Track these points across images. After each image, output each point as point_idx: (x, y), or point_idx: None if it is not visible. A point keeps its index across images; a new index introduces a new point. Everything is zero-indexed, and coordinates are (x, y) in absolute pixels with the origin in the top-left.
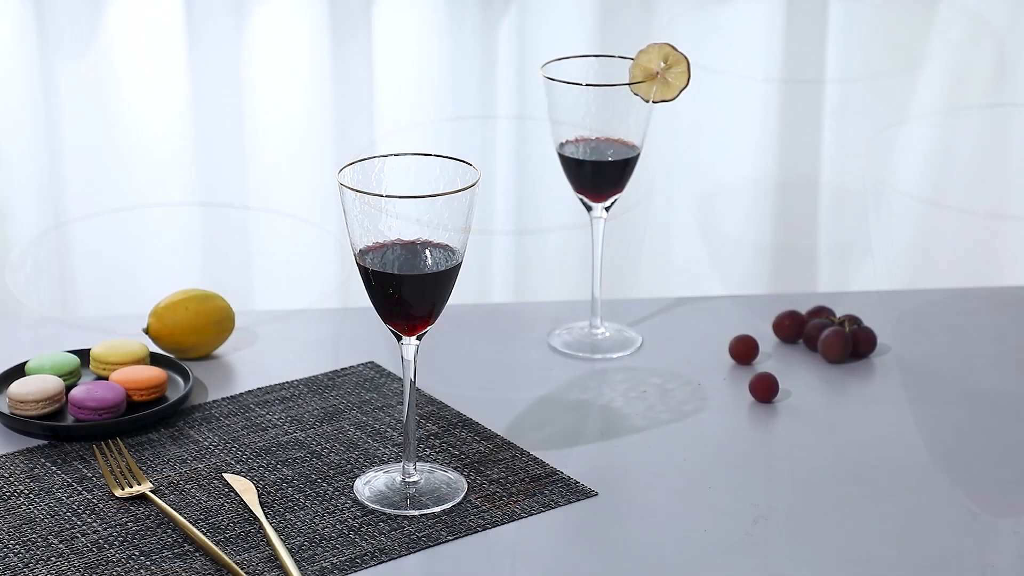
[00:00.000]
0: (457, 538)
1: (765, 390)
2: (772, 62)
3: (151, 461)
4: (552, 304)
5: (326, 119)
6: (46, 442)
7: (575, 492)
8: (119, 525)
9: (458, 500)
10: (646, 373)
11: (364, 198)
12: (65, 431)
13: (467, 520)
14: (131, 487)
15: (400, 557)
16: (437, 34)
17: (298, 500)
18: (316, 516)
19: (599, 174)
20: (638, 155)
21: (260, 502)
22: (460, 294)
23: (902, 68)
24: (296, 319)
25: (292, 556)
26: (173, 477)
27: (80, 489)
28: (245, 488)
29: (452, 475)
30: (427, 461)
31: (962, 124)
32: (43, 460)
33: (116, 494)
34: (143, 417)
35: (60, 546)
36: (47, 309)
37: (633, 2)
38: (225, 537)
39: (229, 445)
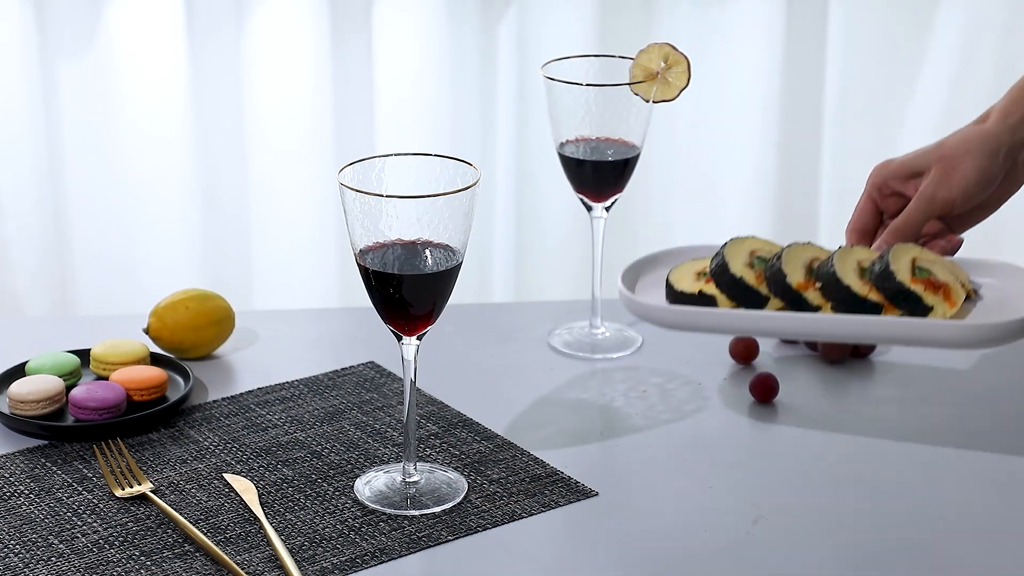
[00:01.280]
0: (457, 538)
1: (765, 390)
2: (772, 62)
3: (151, 461)
4: (552, 304)
5: (326, 119)
6: (46, 442)
7: (575, 492)
8: (119, 525)
9: (458, 500)
10: (646, 373)
11: (364, 198)
12: (65, 431)
13: (467, 520)
14: (131, 487)
15: (400, 557)
16: (437, 34)
17: (298, 500)
18: (316, 516)
19: (599, 174)
20: (638, 155)
21: (260, 502)
22: (460, 294)
23: (902, 68)
24: (296, 319)
25: (292, 556)
26: (173, 477)
27: (80, 489)
28: (245, 488)
29: (452, 475)
30: (427, 461)
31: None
32: (43, 460)
33: (116, 494)
34: (143, 417)
35: (60, 546)
36: (47, 309)
37: (633, 2)
38: (225, 537)
39: (229, 445)
